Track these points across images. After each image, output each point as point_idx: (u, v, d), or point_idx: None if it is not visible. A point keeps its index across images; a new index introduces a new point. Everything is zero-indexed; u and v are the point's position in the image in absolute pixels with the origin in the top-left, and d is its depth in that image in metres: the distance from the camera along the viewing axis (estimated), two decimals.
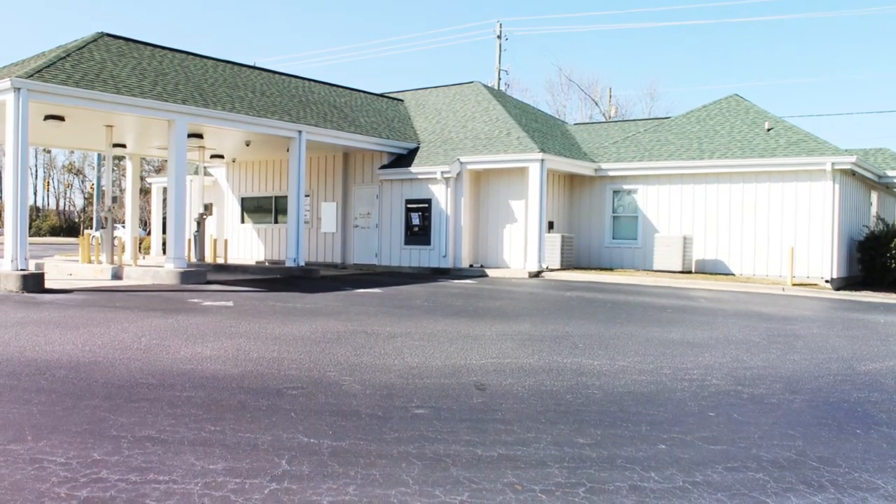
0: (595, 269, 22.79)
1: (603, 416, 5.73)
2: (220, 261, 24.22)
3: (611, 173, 23.32)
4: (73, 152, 76.99)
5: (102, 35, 19.09)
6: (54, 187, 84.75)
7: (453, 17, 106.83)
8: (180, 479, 4.13)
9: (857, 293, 18.64)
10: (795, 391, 6.84)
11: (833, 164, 19.46)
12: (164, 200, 27.91)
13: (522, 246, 22.01)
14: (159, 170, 51.21)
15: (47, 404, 5.71)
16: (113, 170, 25.31)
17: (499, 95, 28.49)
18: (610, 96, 57.99)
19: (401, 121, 26.25)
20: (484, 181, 23.13)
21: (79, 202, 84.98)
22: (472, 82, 28.43)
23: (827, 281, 19.61)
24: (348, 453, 4.66)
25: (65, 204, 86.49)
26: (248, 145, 22.79)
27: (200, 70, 20.58)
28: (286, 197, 22.69)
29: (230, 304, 12.75)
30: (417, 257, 22.92)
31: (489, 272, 21.47)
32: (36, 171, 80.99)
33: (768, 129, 22.26)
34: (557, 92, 65.50)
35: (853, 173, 20.72)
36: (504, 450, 4.82)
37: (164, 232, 27.95)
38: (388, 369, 7.32)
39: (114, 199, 21.67)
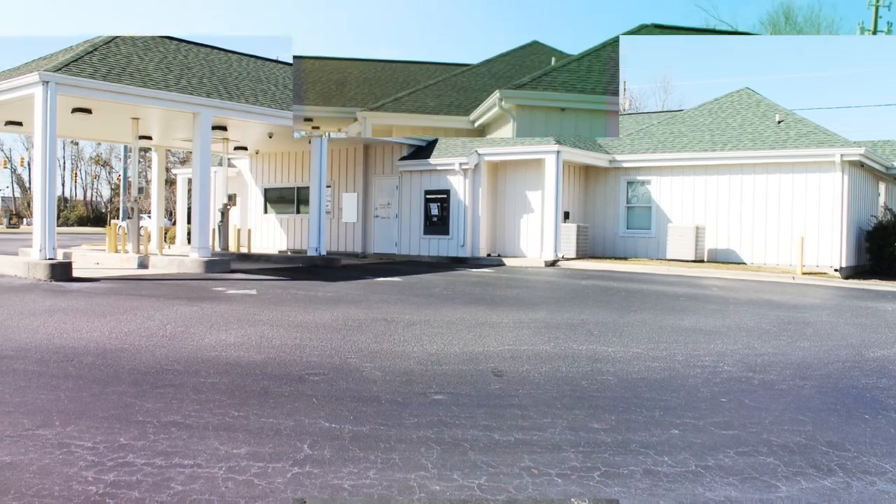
0: (609, 258, 22.81)
1: (617, 402, 5.80)
2: (244, 250, 24.47)
3: (625, 165, 23.35)
4: (100, 144, 77.94)
5: None
6: (82, 178, 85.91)
7: None
8: (205, 463, 4.21)
9: (866, 282, 18.56)
10: (805, 377, 6.89)
11: (842, 155, 19.49)
12: (189, 191, 28.24)
13: (539, 235, 22.08)
14: (184, 161, 51.67)
15: (75, 390, 5.83)
16: (139, 161, 25.59)
17: None
18: (624, 89, 57.55)
19: None
20: (501, 172, 23.19)
21: (105, 193, 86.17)
22: None
23: (836, 270, 19.61)
24: (369, 438, 4.74)
25: (92, 195, 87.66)
26: (270, 137, 22.96)
27: (224, 64, 20.77)
28: (308, 188, 22.84)
29: (253, 292, 12.91)
30: (436, 247, 23.04)
31: (506, 261, 21.56)
32: (64, 163, 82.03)
33: (779, 122, 22.36)
34: None
35: (861, 164, 20.70)
36: (521, 435, 4.89)
37: (188, 222, 28.24)
38: (408, 356, 7.43)
39: (140, 190, 21.95)
